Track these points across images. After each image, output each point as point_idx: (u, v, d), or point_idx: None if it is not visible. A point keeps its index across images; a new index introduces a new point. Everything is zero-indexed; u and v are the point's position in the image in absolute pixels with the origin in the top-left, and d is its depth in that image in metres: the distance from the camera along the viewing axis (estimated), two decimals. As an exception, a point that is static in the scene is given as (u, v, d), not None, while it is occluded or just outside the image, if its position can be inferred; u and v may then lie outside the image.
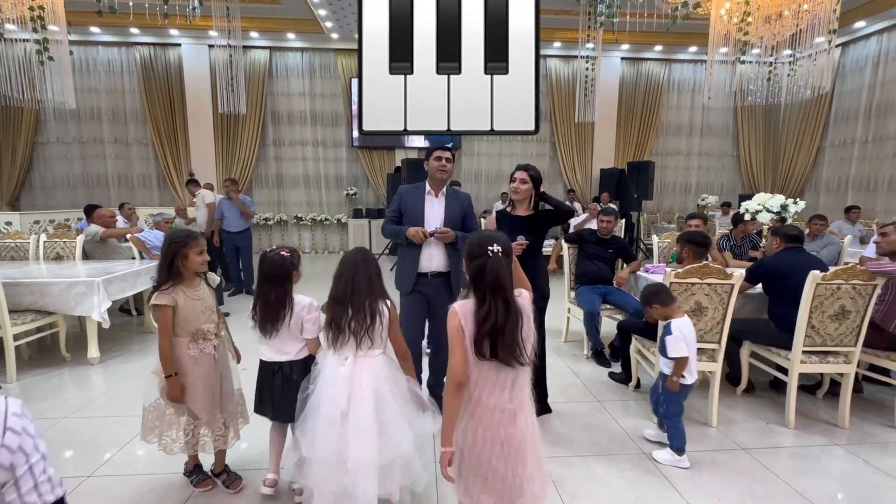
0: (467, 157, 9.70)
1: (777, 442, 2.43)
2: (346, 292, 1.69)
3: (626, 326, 3.00)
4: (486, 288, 1.30)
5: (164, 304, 1.80)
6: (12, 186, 8.89)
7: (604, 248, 3.75)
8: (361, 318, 1.67)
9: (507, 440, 1.31)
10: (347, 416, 1.60)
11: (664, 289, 2.26)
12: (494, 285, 1.29)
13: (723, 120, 9.92)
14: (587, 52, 7.57)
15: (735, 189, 10.02)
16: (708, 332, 2.47)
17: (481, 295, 1.31)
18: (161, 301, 1.80)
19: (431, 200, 2.53)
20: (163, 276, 1.84)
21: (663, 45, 9.02)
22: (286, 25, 8.39)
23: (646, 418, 2.63)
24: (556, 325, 4.35)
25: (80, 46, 8.59)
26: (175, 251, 1.82)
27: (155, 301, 1.81)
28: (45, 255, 4.15)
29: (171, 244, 1.84)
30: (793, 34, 5.79)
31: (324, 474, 1.61)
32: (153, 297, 1.82)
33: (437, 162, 2.47)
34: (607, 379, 3.21)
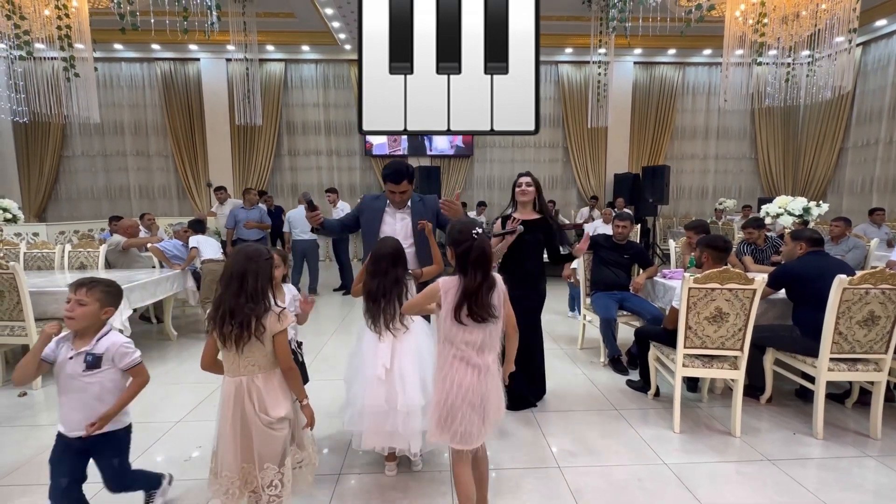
0: (479, 164, 9.71)
1: (805, 453, 2.34)
2: (378, 290, 1.95)
3: (645, 333, 2.94)
4: (471, 263, 1.55)
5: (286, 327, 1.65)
6: (40, 198, 9.22)
7: (620, 253, 3.70)
8: (390, 314, 1.95)
9: (473, 389, 1.59)
10: (392, 371, 1.93)
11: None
12: (478, 260, 1.55)
13: (739, 122, 9.75)
14: (599, 58, 7.55)
15: (754, 192, 9.82)
16: (729, 338, 2.41)
17: (465, 270, 1.57)
18: (288, 322, 1.64)
19: (392, 213, 2.50)
20: (266, 294, 1.63)
21: (677, 49, 8.94)
22: (301, 38, 8.57)
23: (667, 427, 2.57)
24: (571, 332, 4.30)
25: (104, 63, 8.91)
26: (269, 267, 1.66)
27: (285, 324, 1.62)
28: (70, 264, 4.27)
29: (265, 259, 1.65)
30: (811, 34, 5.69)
31: (376, 419, 1.94)
32: (278, 320, 1.61)
33: (391, 193, 2.44)
34: (625, 387, 3.15)
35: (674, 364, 2.53)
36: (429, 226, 2.25)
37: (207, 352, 1.68)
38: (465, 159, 9.52)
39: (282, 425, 1.64)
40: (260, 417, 1.60)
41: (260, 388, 1.62)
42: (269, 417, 1.61)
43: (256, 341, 1.58)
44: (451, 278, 1.61)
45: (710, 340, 2.42)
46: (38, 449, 2.41)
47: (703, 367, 2.48)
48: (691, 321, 2.40)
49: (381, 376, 1.92)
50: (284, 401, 1.67)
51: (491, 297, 1.58)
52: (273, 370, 1.66)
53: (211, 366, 1.71)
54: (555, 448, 2.38)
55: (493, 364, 1.64)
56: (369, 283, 1.97)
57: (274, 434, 1.62)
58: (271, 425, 1.61)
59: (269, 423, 1.61)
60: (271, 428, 1.61)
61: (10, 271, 3.01)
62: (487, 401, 1.60)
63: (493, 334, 1.62)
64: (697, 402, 2.91)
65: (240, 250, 1.66)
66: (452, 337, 1.60)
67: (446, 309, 1.58)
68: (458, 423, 1.57)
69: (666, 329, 2.71)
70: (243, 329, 1.55)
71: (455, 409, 1.57)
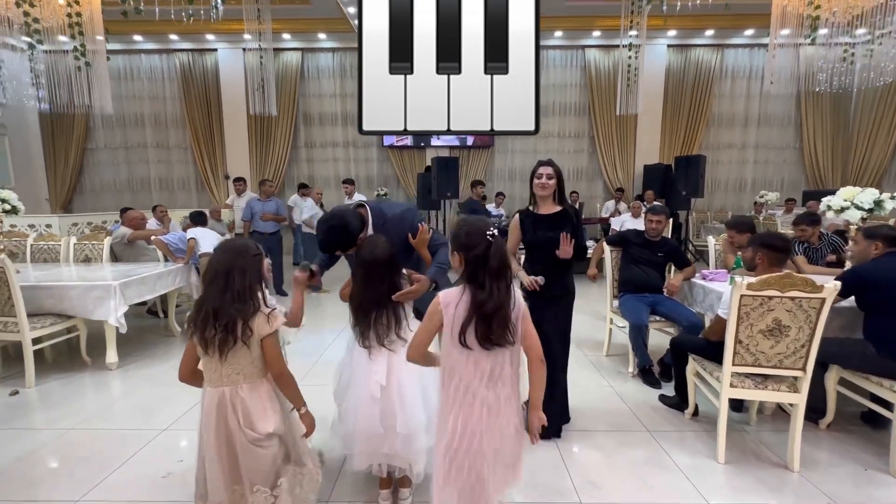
0: (500, 155, 9.33)
1: (880, 496, 1.95)
2: (372, 301, 1.66)
3: (682, 344, 2.57)
4: (488, 273, 1.26)
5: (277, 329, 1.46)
6: (65, 191, 9.37)
7: (652, 251, 3.31)
8: (384, 326, 1.67)
9: (483, 433, 1.28)
10: (389, 388, 1.65)
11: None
12: (499, 268, 1.27)
13: (783, 109, 9.01)
14: (630, 40, 7.03)
15: (797, 184, 9.09)
16: (789, 356, 2.03)
17: (480, 282, 1.26)
18: (279, 323, 1.46)
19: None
20: (254, 294, 1.45)
21: (715, 29, 8.29)
22: (317, 25, 8.36)
23: (709, 456, 2.21)
24: (595, 335, 3.93)
25: (124, 55, 8.94)
26: (258, 263, 1.48)
27: (275, 326, 1.44)
28: (75, 257, 4.18)
29: (254, 255, 1.47)
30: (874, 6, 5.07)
31: (371, 442, 1.68)
32: (267, 322, 1.43)
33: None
34: (657, 403, 2.79)
35: (719, 383, 2.16)
36: (422, 234, 1.90)
37: (186, 360, 1.50)
38: (486, 150, 9.15)
39: (270, 442, 1.45)
40: (245, 433, 1.41)
41: (245, 400, 1.43)
42: (255, 433, 1.42)
43: (243, 346, 1.40)
44: (453, 290, 1.31)
45: (764, 357, 2.04)
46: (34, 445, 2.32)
47: (754, 387, 2.11)
48: (742, 334, 2.03)
49: (376, 394, 1.65)
50: (273, 414, 1.46)
51: (510, 314, 1.27)
52: (260, 379, 1.47)
53: (190, 377, 1.52)
54: (576, 478, 2.06)
55: (510, 400, 1.32)
56: (360, 292, 1.67)
57: (260, 452, 1.43)
58: (258, 442, 1.42)
59: (255, 440, 1.42)
60: (258, 445, 1.42)
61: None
62: (502, 449, 1.30)
63: (505, 361, 1.31)
64: (744, 424, 2.53)
65: (225, 244, 1.48)
66: (454, 364, 1.30)
67: (448, 329, 1.29)
68: (465, 476, 1.27)
69: (709, 341, 2.34)
70: (228, 332, 1.37)
71: (461, 459, 1.27)
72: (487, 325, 1.24)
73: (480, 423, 1.27)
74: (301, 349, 3.67)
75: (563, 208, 2.32)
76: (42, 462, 2.22)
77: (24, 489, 2.00)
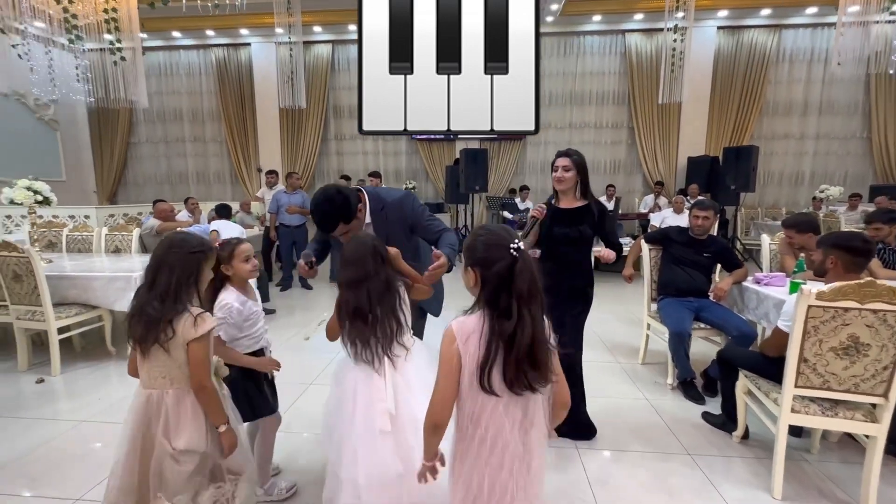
0: (533, 147, 8.99)
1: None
2: (367, 301, 1.43)
3: (732, 358, 2.26)
4: (515, 297, 1.02)
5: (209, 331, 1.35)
6: (111, 183, 9.82)
7: (698, 250, 2.98)
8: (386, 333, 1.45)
9: (511, 496, 1.06)
10: (399, 416, 1.40)
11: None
12: (529, 292, 1.03)
13: (849, 95, 8.17)
14: (676, 22, 6.52)
15: (864, 178, 8.25)
16: (867, 379, 1.70)
17: (504, 307, 1.02)
18: (207, 327, 1.34)
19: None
20: (180, 295, 1.34)
21: (772, 8, 7.59)
22: (347, 17, 8.27)
23: (762, 488, 1.92)
24: (630, 340, 3.63)
25: (164, 52, 9.21)
26: (194, 262, 1.37)
27: (202, 330, 1.32)
28: (106, 248, 4.27)
29: (190, 252, 1.37)
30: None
31: (389, 491, 1.38)
32: (194, 325, 1.32)
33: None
34: (700, 421, 2.49)
35: (777, 406, 1.86)
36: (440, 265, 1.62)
37: (132, 354, 1.42)
38: (518, 142, 8.83)
39: (185, 458, 1.33)
40: (163, 443, 1.32)
41: (169, 409, 1.33)
42: (170, 448, 1.32)
43: (160, 349, 1.30)
44: (469, 319, 1.07)
45: (836, 380, 1.73)
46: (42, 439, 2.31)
47: (821, 414, 1.80)
48: (809, 352, 1.72)
49: (386, 427, 1.38)
50: (195, 431, 1.34)
51: (548, 350, 1.04)
52: (188, 387, 1.36)
53: (135, 371, 1.45)
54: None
55: (542, 445, 1.09)
56: (351, 297, 1.42)
57: (175, 467, 1.32)
58: (173, 456, 1.32)
59: (171, 454, 1.32)
60: (173, 459, 1.32)
61: (25, 255, 2.92)
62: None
63: (539, 398, 1.07)
64: (804, 452, 2.20)
65: (166, 237, 1.38)
66: (477, 410, 1.06)
67: (466, 369, 1.05)
68: None
69: (765, 356, 2.03)
70: (149, 330, 1.29)
71: None
72: (517, 366, 1.00)
73: (511, 481, 1.04)
74: (316, 345, 3.59)
75: (586, 203, 2.12)
76: (46, 457, 2.20)
77: (25, 486, 1.98)
